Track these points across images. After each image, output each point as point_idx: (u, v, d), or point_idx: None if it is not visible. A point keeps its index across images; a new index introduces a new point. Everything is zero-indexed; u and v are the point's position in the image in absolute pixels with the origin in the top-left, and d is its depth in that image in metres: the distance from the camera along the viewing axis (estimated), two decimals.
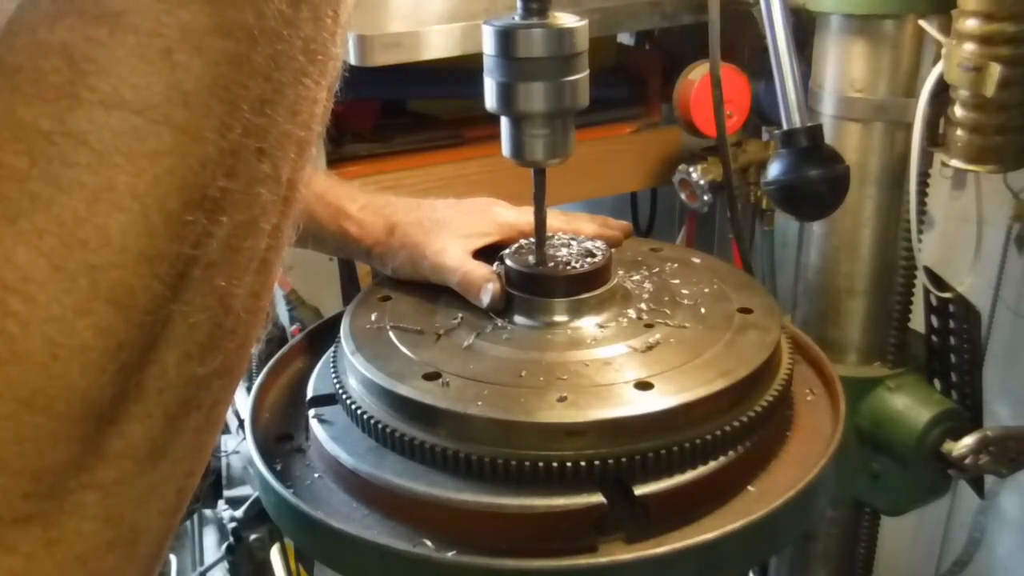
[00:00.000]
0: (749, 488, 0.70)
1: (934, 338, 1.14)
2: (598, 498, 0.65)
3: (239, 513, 1.11)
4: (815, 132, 0.90)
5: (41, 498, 0.33)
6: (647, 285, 0.85)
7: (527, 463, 0.65)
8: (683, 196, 1.39)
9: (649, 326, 0.78)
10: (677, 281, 0.86)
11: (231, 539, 1.11)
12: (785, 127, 0.91)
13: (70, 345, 0.32)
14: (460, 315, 0.82)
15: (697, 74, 1.26)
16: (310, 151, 0.40)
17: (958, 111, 0.96)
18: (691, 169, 1.35)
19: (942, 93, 0.98)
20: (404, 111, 1.44)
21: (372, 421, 0.71)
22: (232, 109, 0.35)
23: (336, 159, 1.30)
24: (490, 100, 0.73)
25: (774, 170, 0.90)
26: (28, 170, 0.32)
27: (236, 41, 0.34)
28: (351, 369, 0.76)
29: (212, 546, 1.60)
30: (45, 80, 0.33)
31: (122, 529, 0.36)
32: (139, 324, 0.34)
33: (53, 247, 0.32)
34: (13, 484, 0.32)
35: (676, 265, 0.90)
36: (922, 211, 1.08)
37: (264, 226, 0.38)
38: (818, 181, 0.89)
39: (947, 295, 1.09)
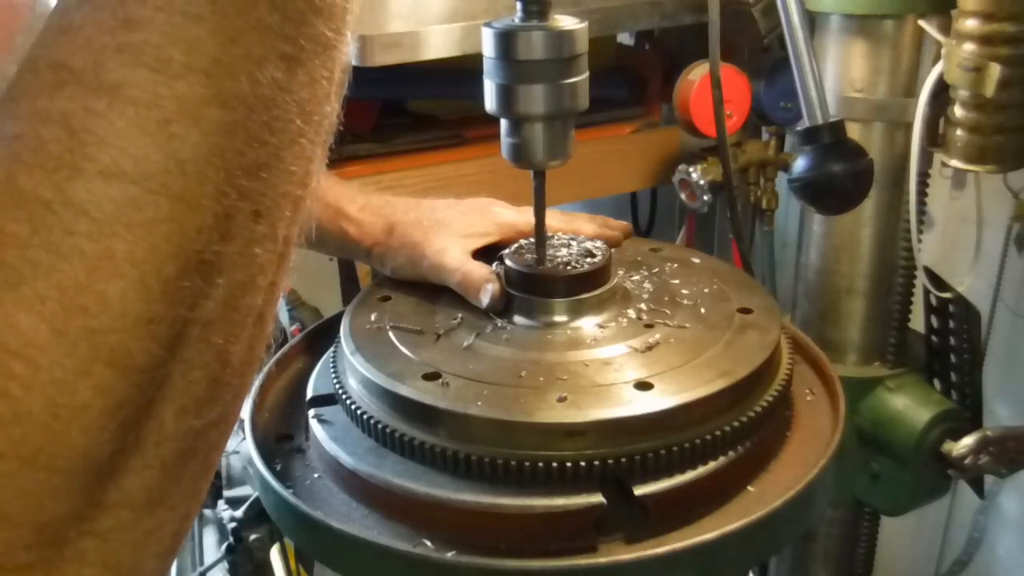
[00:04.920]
0: (749, 488, 0.70)
1: (934, 338, 1.14)
2: (598, 498, 0.65)
3: (239, 513, 1.11)
4: (837, 127, 0.90)
5: (42, 548, 0.34)
6: (647, 285, 0.85)
7: (527, 463, 0.65)
8: (683, 196, 1.39)
9: (649, 326, 0.78)
10: (677, 281, 0.86)
11: (231, 539, 1.11)
12: (807, 124, 0.91)
13: (71, 405, 0.33)
14: (460, 315, 0.82)
15: (697, 74, 1.26)
16: (306, 207, 0.41)
17: (958, 111, 0.96)
18: (691, 169, 1.35)
19: (942, 93, 0.98)
20: (404, 111, 1.44)
21: (372, 421, 0.71)
22: (228, 176, 0.35)
23: (336, 159, 1.29)
24: (490, 102, 0.73)
25: (799, 167, 0.90)
26: (29, 238, 0.33)
27: (232, 110, 0.35)
28: (351, 369, 0.76)
29: (212, 546, 1.59)
30: (45, 149, 0.33)
31: (120, 573, 0.37)
32: (138, 384, 0.35)
33: (54, 313, 0.33)
34: (15, 536, 0.33)
35: (676, 265, 0.90)
36: (922, 211, 1.08)
37: (261, 283, 0.39)
38: (843, 176, 0.89)
39: (947, 295, 1.09)
